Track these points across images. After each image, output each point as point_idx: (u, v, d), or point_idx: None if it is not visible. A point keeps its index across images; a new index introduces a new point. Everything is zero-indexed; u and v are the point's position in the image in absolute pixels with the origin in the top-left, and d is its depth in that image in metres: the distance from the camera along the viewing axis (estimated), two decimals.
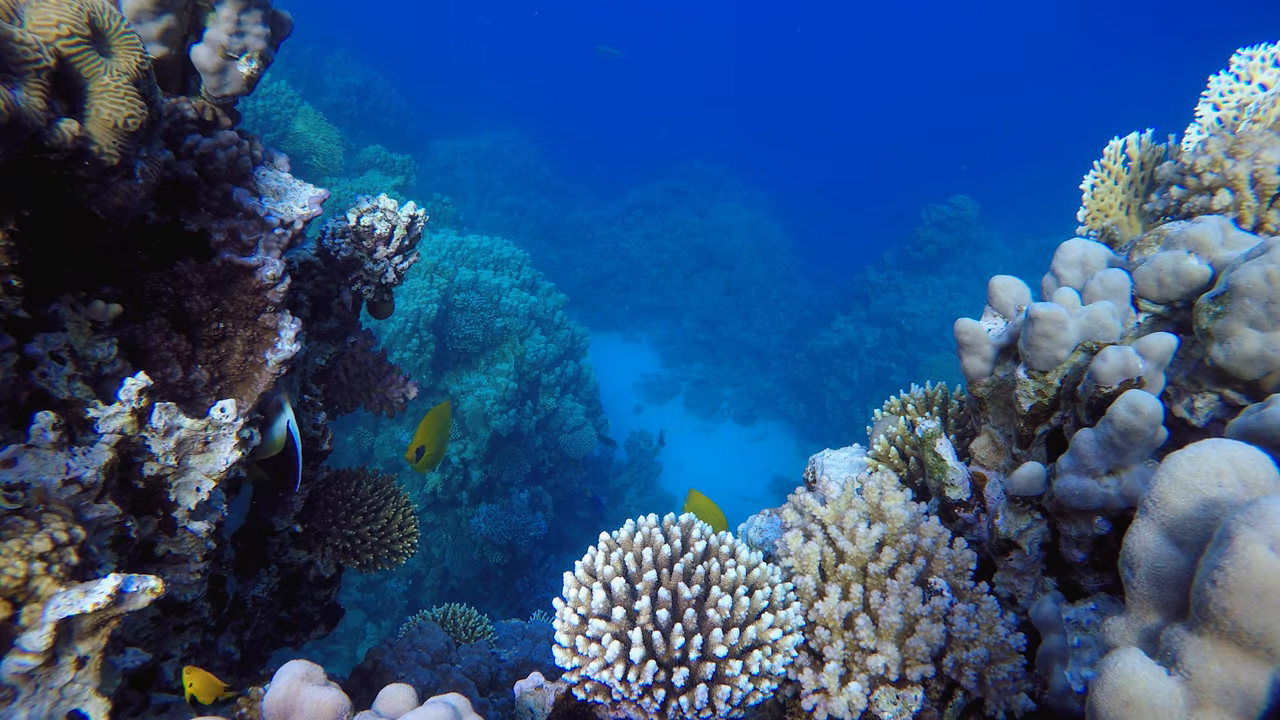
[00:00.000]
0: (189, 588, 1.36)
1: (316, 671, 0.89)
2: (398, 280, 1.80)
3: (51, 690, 0.92)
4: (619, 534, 1.18)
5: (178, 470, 1.29)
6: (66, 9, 0.98)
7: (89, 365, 1.21)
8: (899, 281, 10.11)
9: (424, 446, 2.20)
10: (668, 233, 11.41)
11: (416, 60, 17.29)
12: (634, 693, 1.06)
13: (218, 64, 1.37)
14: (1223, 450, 0.79)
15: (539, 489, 6.11)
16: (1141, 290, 1.25)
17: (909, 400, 1.70)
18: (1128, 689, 0.72)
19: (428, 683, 1.89)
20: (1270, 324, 1.06)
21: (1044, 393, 1.22)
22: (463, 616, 2.84)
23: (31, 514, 0.98)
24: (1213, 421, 1.16)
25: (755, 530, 1.59)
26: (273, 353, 1.44)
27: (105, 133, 1.03)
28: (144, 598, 0.95)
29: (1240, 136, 1.41)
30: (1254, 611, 0.67)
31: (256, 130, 6.32)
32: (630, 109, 21.99)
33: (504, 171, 11.66)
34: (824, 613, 1.14)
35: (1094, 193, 1.77)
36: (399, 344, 5.46)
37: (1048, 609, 1.15)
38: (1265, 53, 1.67)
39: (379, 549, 1.92)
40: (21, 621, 0.89)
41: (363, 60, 10.41)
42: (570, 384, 6.65)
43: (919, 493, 1.47)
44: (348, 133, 8.18)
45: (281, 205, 1.46)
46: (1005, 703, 1.11)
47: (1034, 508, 1.26)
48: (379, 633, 5.31)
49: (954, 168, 17.70)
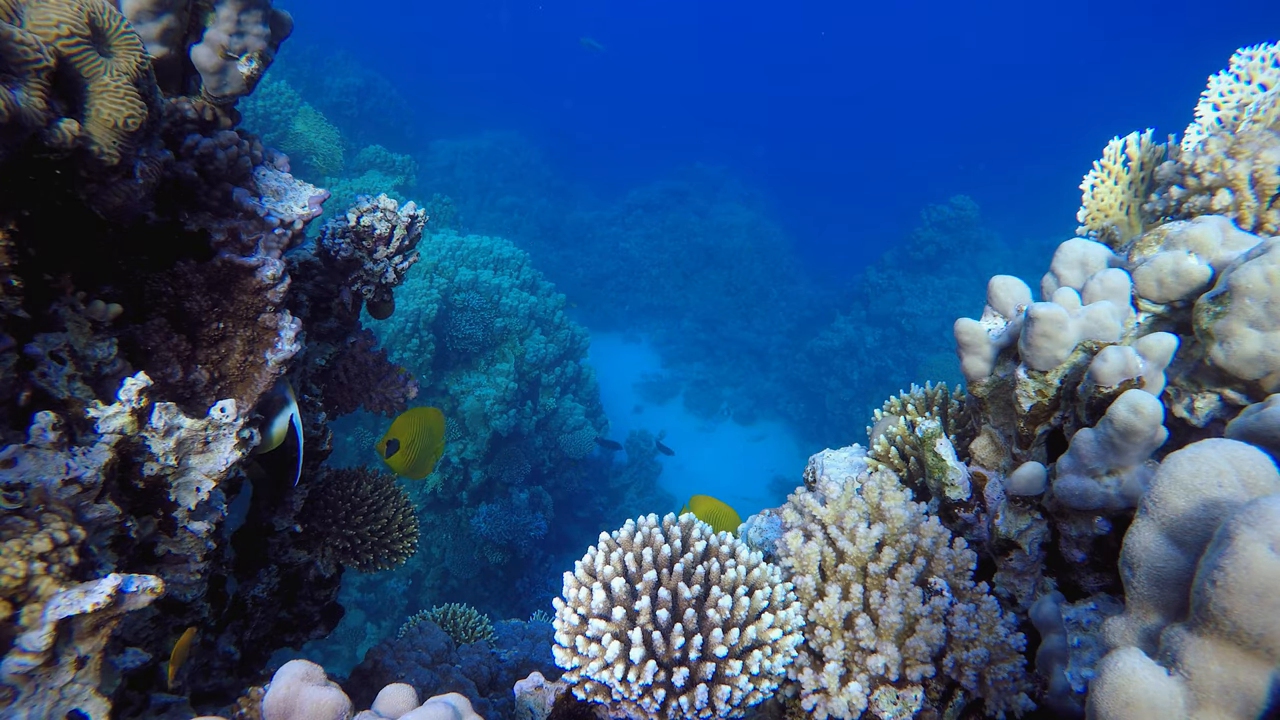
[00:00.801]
0: (189, 588, 1.36)
1: (316, 671, 0.89)
2: (398, 280, 1.80)
3: (51, 690, 0.92)
4: (619, 534, 1.18)
5: (178, 470, 1.29)
6: (66, 9, 0.98)
7: (89, 365, 1.21)
8: (899, 281, 10.11)
9: (397, 441, 2.07)
10: (668, 233, 11.41)
11: (416, 60, 17.29)
12: (634, 693, 1.06)
13: (218, 64, 1.37)
14: (1223, 450, 0.79)
15: (539, 489, 6.11)
16: (1141, 290, 1.25)
17: (909, 400, 1.70)
18: (1128, 689, 0.72)
19: (428, 683, 1.89)
20: (1270, 324, 1.06)
21: (1044, 393, 1.22)
22: (463, 616, 2.84)
23: (31, 514, 0.98)
24: (1213, 421, 1.16)
25: (755, 530, 1.59)
26: (273, 353, 1.44)
27: (105, 133, 1.03)
28: (144, 598, 0.95)
29: (1240, 136, 1.41)
30: (1254, 611, 0.67)
31: (256, 130, 6.33)
32: (631, 109, 22.01)
33: (504, 171, 11.66)
34: (824, 613, 1.14)
35: (1094, 193, 1.77)
36: (399, 344, 5.46)
37: (1048, 609, 1.15)
38: (1265, 53, 1.67)
39: (379, 549, 1.92)
40: (21, 621, 0.89)
41: (363, 60, 10.42)
42: (570, 384, 6.65)
43: (919, 493, 1.47)
44: (348, 133, 8.18)
45: (281, 205, 1.46)
46: (1005, 703, 1.11)
47: (1034, 508, 1.26)
48: (379, 633, 5.31)
49: (954, 167, 17.72)
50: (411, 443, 2.04)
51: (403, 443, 2.03)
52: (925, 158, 19.47)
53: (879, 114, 23.54)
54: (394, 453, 2.02)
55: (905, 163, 19.43)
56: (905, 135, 21.90)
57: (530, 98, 19.11)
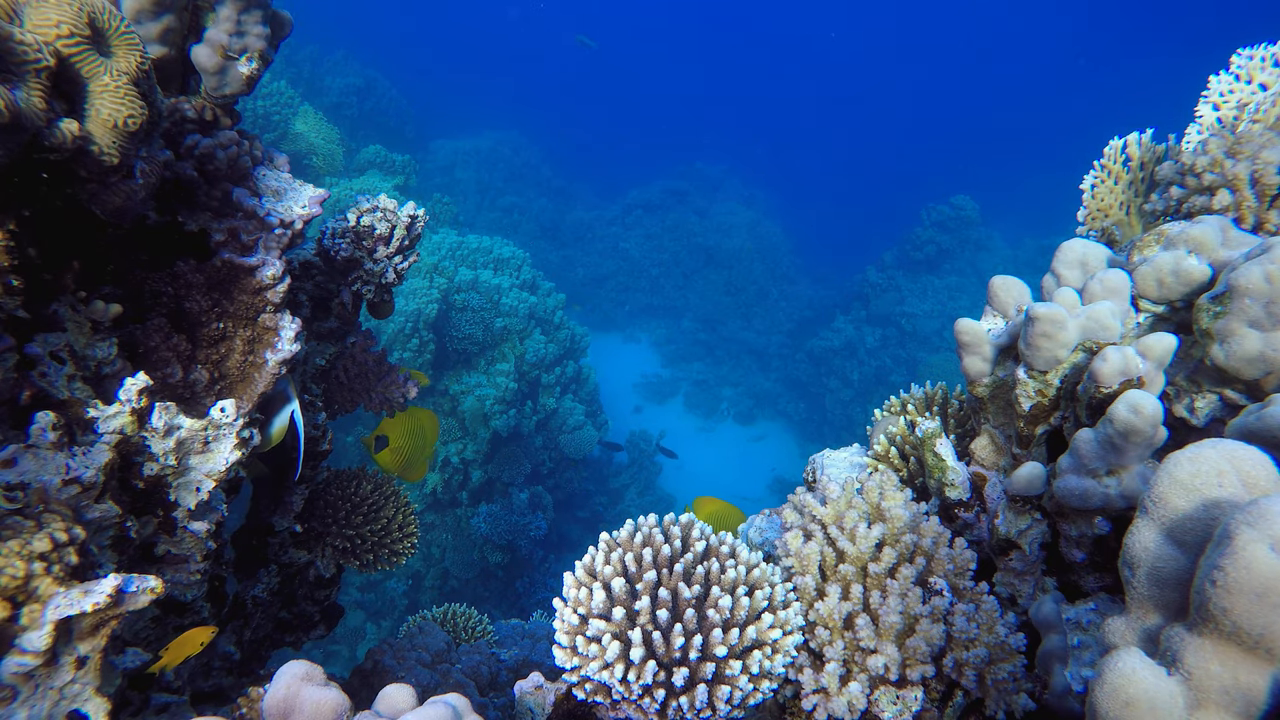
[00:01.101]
0: (189, 588, 1.36)
1: (316, 671, 0.89)
2: (398, 280, 1.80)
3: (51, 690, 0.92)
4: (619, 534, 1.18)
5: (178, 470, 1.29)
6: (66, 9, 0.98)
7: (89, 365, 1.21)
8: (899, 281, 10.10)
9: (386, 438, 2.04)
10: (668, 233, 11.41)
11: (417, 60, 17.28)
12: (634, 693, 1.06)
13: (218, 64, 1.37)
14: (1223, 450, 0.79)
15: (539, 489, 6.11)
16: (1141, 290, 1.25)
17: (909, 400, 1.70)
18: (1128, 689, 0.72)
19: (428, 683, 1.89)
20: (1270, 324, 1.06)
21: (1044, 393, 1.22)
22: (463, 616, 2.84)
23: (31, 514, 0.98)
24: (1213, 421, 1.16)
25: (755, 530, 1.59)
26: (273, 353, 1.44)
27: (105, 133, 1.03)
28: (144, 598, 0.95)
29: (1240, 136, 1.41)
30: (1254, 611, 0.67)
31: (256, 130, 6.33)
32: (631, 109, 22.00)
33: (504, 171, 11.66)
34: (824, 613, 1.14)
35: (1094, 193, 1.77)
36: (399, 344, 5.46)
37: (1048, 609, 1.15)
38: (1265, 53, 1.67)
39: (379, 549, 1.92)
40: (21, 621, 0.89)
41: (363, 60, 10.41)
42: (570, 384, 6.65)
43: (919, 493, 1.47)
44: (348, 133, 8.18)
45: (281, 205, 1.46)
46: (1005, 703, 1.11)
47: (1034, 508, 1.26)
48: (379, 633, 5.31)
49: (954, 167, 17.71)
50: (401, 445, 2.02)
51: (392, 441, 2.00)
52: (925, 158, 19.47)
53: (879, 114, 23.55)
54: (382, 449, 2.00)
55: (905, 163, 19.44)
56: (905, 135, 21.90)
57: (530, 98, 19.12)
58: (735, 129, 21.72)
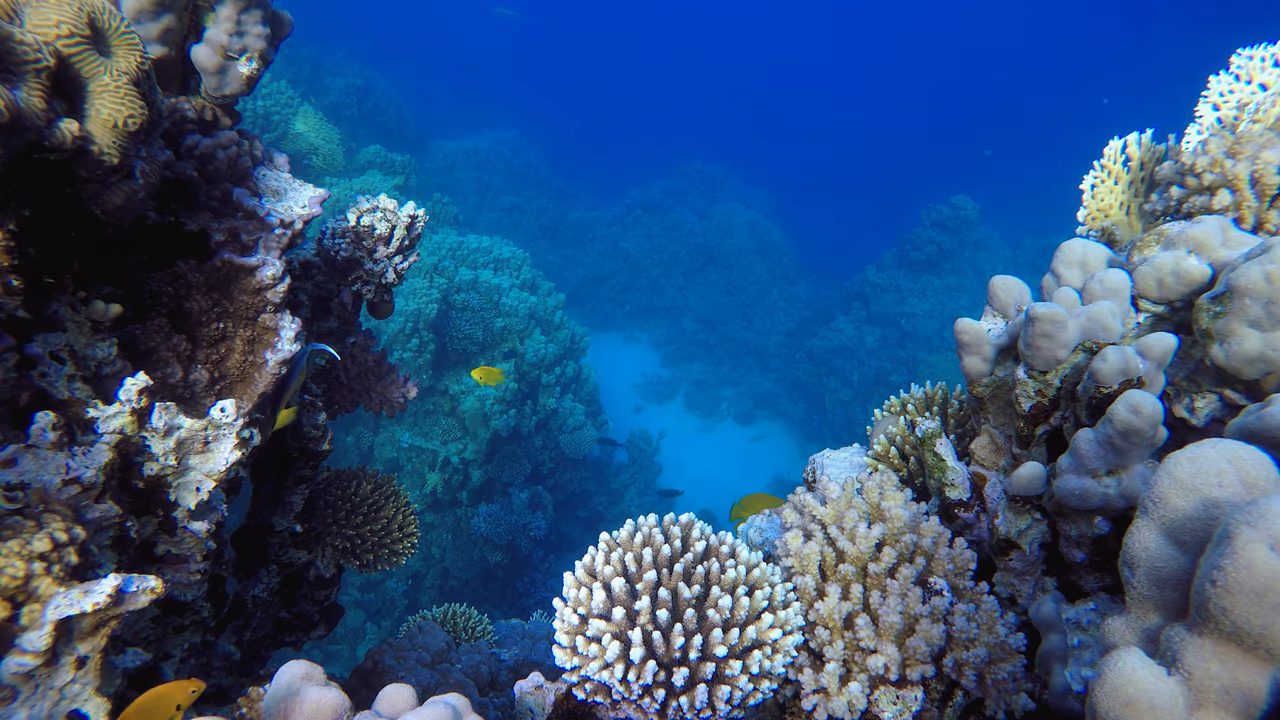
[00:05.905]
0: (189, 588, 1.36)
1: (316, 671, 0.89)
2: (398, 280, 1.80)
3: (51, 690, 0.92)
4: (619, 534, 1.18)
5: (178, 470, 1.29)
6: (66, 9, 0.98)
7: (89, 365, 1.21)
8: (899, 281, 10.10)
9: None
10: (667, 233, 11.41)
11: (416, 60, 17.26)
12: (634, 693, 1.06)
13: (218, 64, 1.37)
14: (1223, 450, 0.79)
15: (539, 489, 6.11)
16: (1141, 290, 1.25)
17: (909, 400, 1.70)
18: (1128, 689, 0.72)
19: (428, 683, 1.89)
20: (1270, 324, 1.06)
21: (1044, 393, 1.22)
22: (463, 616, 2.84)
23: (31, 514, 0.98)
24: (1213, 421, 1.16)
25: (755, 530, 1.59)
26: (273, 353, 1.44)
27: (105, 133, 1.03)
28: (144, 598, 0.95)
29: (1240, 136, 1.41)
30: (1254, 611, 0.67)
31: (256, 130, 6.33)
32: (631, 109, 21.99)
33: (504, 171, 11.65)
34: (824, 613, 1.14)
35: (1094, 193, 1.77)
36: (399, 344, 5.46)
37: (1048, 609, 1.15)
38: (1265, 53, 1.67)
39: (379, 549, 1.92)
40: (21, 621, 0.89)
41: (363, 60, 10.41)
42: (570, 384, 6.65)
43: (919, 493, 1.47)
44: (348, 133, 8.17)
45: (281, 205, 1.46)
46: (1005, 703, 1.11)
47: (1034, 508, 1.26)
48: (379, 633, 5.31)
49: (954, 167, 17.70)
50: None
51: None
52: (926, 157, 19.47)
53: (879, 114, 23.56)
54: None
55: (905, 163, 19.43)
56: (905, 135, 21.89)
57: (530, 98, 19.13)
58: (736, 129, 21.74)
